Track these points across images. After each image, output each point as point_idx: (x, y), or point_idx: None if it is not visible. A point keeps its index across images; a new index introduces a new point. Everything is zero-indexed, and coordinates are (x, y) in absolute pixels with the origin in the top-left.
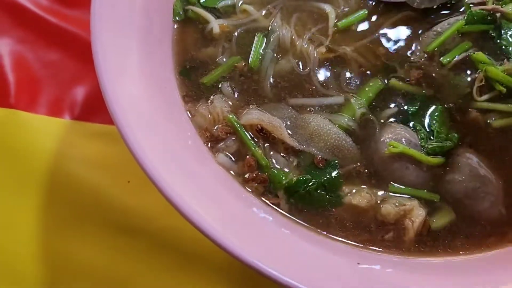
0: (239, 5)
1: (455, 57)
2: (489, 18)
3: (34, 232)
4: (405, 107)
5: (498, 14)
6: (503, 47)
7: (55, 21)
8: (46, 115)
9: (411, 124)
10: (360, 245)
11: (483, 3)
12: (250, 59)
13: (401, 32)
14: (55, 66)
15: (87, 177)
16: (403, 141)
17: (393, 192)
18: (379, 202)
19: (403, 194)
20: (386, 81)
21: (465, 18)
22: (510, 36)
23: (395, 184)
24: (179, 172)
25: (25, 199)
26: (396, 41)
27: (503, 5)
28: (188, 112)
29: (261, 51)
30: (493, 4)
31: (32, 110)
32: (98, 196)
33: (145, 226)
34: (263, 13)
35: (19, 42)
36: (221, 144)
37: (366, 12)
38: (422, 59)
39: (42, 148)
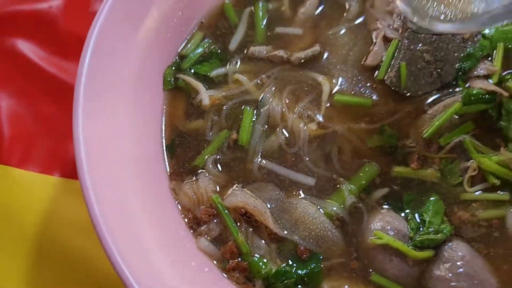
0: (232, 74)
1: (452, 140)
2: (487, 96)
3: None
4: (399, 194)
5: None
6: (503, 129)
7: (53, 71)
8: (37, 173)
9: (404, 211)
10: None
11: (488, 77)
12: (239, 136)
13: (400, 117)
14: (50, 120)
15: (74, 240)
16: (391, 231)
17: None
18: None
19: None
20: (378, 167)
21: (462, 99)
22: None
23: (378, 276)
24: (156, 260)
25: (11, 263)
26: (392, 124)
27: (510, 80)
28: (172, 190)
29: (251, 126)
30: (500, 76)
31: (24, 167)
32: (82, 259)
33: None
34: (255, 84)
35: (17, 94)
36: (204, 227)
37: (370, 102)
38: (419, 144)
39: (33, 207)
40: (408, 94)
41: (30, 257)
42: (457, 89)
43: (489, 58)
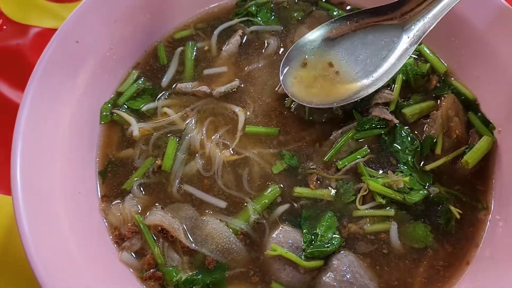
0: (160, 108)
1: (348, 164)
2: (379, 123)
3: None
4: (298, 211)
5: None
6: (396, 151)
7: (18, 102)
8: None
9: (301, 227)
10: None
11: (387, 104)
12: (163, 162)
13: (305, 142)
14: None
15: None
16: (288, 243)
17: None
18: None
19: None
20: (280, 188)
21: (356, 126)
22: (404, 138)
23: (275, 283)
24: (84, 272)
25: None
26: (298, 149)
27: (406, 106)
28: (102, 211)
29: (174, 154)
30: (397, 102)
31: None
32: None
33: None
34: (181, 116)
35: None
36: (127, 242)
37: (277, 131)
38: (319, 167)
39: None
40: (312, 120)
41: None
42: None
43: (389, 88)
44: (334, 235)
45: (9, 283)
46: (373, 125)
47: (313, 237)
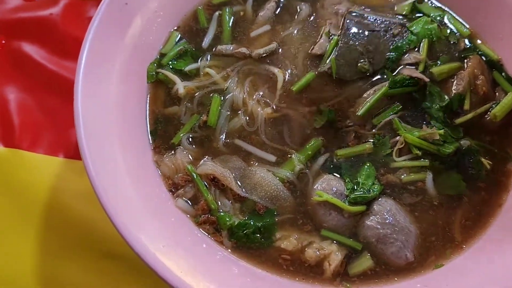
0: (203, 68)
1: (383, 120)
2: (411, 81)
3: (31, 259)
4: (339, 163)
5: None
6: (427, 108)
7: (54, 69)
8: (45, 154)
9: (343, 176)
10: (292, 279)
11: (416, 64)
12: (208, 118)
13: (339, 100)
14: (53, 111)
15: (78, 209)
16: (332, 190)
17: (324, 236)
18: (304, 246)
19: (332, 239)
20: (323, 140)
21: (388, 84)
22: (434, 95)
23: (325, 231)
24: (143, 215)
25: (25, 230)
26: (334, 105)
27: (434, 66)
28: (155, 162)
29: (218, 110)
30: (426, 63)
31: (32, 150)
32: (86, 226)
33: (125, 252)
34: (222, 76)
35: (23, 89)
36: (181, 190)
37: (314, 73)
38: (356, 124)
39: (41, 183)
40: (342, 79)
41: (40, 227)
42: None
43: (416, 50)
44: (374, 183)
45: (56, 244)
46: (404, 83)
47: (354, 185)
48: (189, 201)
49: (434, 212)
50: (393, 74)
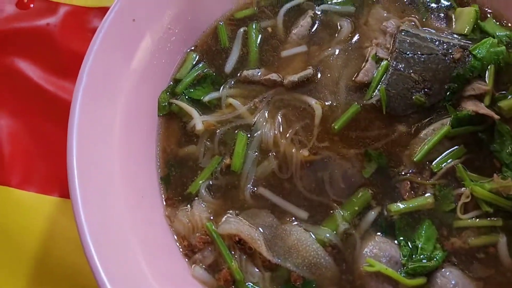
0: (225, 99)
1: (444, 166)
2: (476, 118)
3: None
4: (391, 220)
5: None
6: (496, 152)
7: (51, 89)
8: (37, 193)
9: (396, 238)
10: None
11: (480, 97)
12: (232, 162)
13: (389, 141)
14: (48, 139)
15: (71, 259)
16: (384, 258)
17: None
18: None
19: None
20: (371, 192)
21: (451, 121)
22: (505, 137)
23: None
24: None
25: (16, 276)
26: (385, 147)
27: (503, 99)
28: (167, 218)
29: (244, 151)
30: (492, 95)
31: (23, 187)
32: (79, 278)
33: None
34: (249, 108)
35: (15, 113)
36: (198, 254)
37: (359, 106)
38: (412, 171)
39: (33, 227)
40: (394, 115)
41: (31, 275)
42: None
43: (480, 78)
44: (435, 247)
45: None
46: (470, 120)
47: (412, 250)
48: (208, 269)
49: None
50: (455, 108)
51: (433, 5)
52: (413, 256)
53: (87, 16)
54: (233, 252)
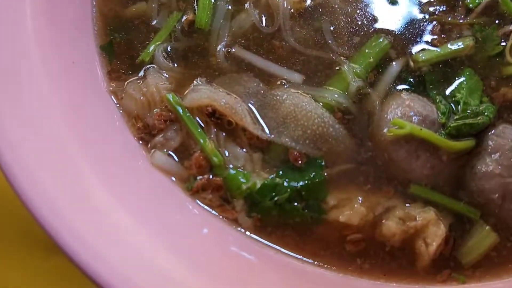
0: None
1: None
2: None
3: None
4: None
5: None
6: None
7: None
8: None
9: (428, 94)
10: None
11: None
12: (196, 17)
13: None
14: None
15: None
16: (416, 117)
17: (413, 195)
18: (378, 216)
19: (427, 200)
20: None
21: None
22: None
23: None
24: (91, 185)
25: None
26: None
27: None
28: (113, 94)
29: (211, 3)
30: None
31: None
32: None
33: None
34: None
35: None
36: (159, 137)
37: None
38: (441, 8)
39: None
40: None
41: None
42: None
43: None
44: (482, 101)
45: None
46: None
47: (453, 105)
48: (174, 155)
49: None
50: None
51: None
52: (454, 112)
53: None
54: (206, 130)
